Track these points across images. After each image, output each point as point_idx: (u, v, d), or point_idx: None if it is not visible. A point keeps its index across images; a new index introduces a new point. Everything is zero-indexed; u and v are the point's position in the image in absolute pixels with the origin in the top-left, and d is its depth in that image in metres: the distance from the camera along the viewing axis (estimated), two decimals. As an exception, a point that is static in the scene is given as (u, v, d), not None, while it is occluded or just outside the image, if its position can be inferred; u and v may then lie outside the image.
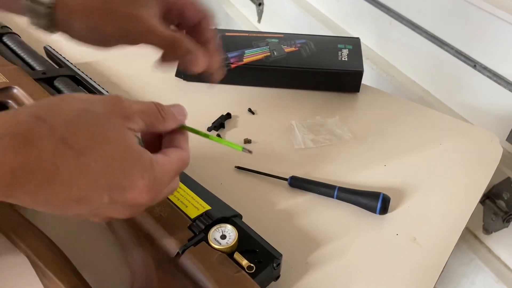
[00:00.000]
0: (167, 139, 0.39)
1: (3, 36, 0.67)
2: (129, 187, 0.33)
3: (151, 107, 0.37)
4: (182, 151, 0.38)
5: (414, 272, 0.45)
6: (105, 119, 0.33)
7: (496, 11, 0.82)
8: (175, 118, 0.38)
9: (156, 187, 0.34)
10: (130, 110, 0.35)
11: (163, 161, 0.35)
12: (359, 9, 1.17)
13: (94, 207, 0.32)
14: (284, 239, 0.47)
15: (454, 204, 0.52)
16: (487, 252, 0.98)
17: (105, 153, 0.31)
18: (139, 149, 0.34)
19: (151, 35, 0.42)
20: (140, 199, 0.33)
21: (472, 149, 0.60)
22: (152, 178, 0.34)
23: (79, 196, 0.31)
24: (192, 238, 0.40)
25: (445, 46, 0.95)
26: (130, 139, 0.33)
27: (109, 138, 0.32)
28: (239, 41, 0.71)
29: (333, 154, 0.58)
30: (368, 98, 0.68)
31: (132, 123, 0.34)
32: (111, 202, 0.33)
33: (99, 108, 0.33)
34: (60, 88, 0.58)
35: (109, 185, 0.32)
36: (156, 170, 0.34)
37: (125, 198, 0.33)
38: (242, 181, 0.54)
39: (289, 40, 0.71)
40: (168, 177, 0.35)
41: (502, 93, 0.86)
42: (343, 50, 0.70)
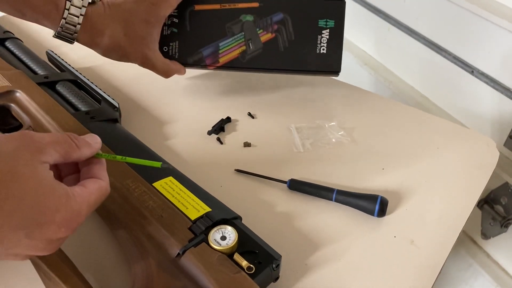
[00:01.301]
0: (85, 171, 0.39)
1: (6, 41, 0.68)
2: (46, 223, 0.32)
3: (64, 137, 0.37)
4: (100, 181, 0.37)
5: (412, 273, 0.46)
6: (15, 156, 0.32)
7: (493, 17, 0.83)
8: (90, 145, 0.38)
9: (74, 219, 0.34)
10: (41, 142, 0.34)
11: (80, 192, 0.35)
12: (357, 15, 1.18)
13: (11, 247, 0.32)
14: (283, 241, 0.47)
15: (451, 207, 0.53)
16: (485, 257, 0.99)
17: (16, 191, 0.31)
18: (53, 182, 0.33)
19: (153, 69, 0.60)
20: (59, 233, 0.33)
21: (469, 153, 0.60)
22: (69, 211, 0.33)
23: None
24: (192, 239, 0.41)
25: (443, 52, 0.96)
26: (43, 173, 0.33)
27: (19, 174, 0.31)
28: (211, 22, 0.65)
29: (331, 158, 0.59)
30: (367, 103, 0.69)
31: (45, 156, 0.34)
32: (29, 239, 0.32)
33: (7, 146, 0.32)
34: (62, 92, 0.59)
35: (25, 223, 0.31)
36: (72, 202, 0.33)
37: (43, 234, 0.32)
38: (242, 184, 0.55)
39: (265, 17, 0.65)
40: (86, 208, 0.35)
41: (499, 99, 0.87)
42: (324, 33, 0.65)
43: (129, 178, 0.46)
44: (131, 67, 0.61)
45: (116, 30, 0.55)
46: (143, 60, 0.59)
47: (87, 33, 0.55)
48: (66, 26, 0.53)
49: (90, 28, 0.55)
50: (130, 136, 0.55)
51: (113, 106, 0.58)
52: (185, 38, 0.64)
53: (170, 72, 0.61)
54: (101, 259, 0.45)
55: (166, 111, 0.66)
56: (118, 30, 0.56)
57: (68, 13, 0.53)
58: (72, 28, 0.54)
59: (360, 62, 1.16)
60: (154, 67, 0.60)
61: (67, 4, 0.53)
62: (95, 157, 0.39)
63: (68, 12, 0.53)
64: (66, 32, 0.54)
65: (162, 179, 0.47)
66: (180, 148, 0.59)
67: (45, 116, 0.52)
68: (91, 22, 0.54)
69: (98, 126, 0.54)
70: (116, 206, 0.44)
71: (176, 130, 0.62)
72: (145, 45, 0.58)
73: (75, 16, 0.53)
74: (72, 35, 0.54)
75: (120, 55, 0.58)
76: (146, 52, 0.58)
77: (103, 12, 0.55)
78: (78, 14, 0.53)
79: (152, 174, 0.48)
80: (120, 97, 0.67)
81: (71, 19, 0.53)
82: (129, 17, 0.56)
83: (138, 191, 0.45)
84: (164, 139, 0.61)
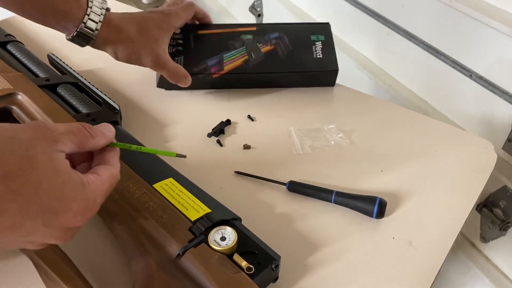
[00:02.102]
0: (97, 157, 0.39)
1: (7, 44, 0.68)
2: (62, 211, 0.32)
3: (78, 127, 0.37)
4: (112, 168, 0.38)
5: (410, 275, 0.46)
6: (32, 144, 0.32)
7: (491, 22, 0.84)
8: (104, 135, 0.39)
9: (89, 207, 0.34)
10: (57, 132, 0.35)
11: (94, 180, 0.35)
12: (357, 20, 1.18)
13: (29, 233, 0.32)
14: (282, 242, 0.47)
15: (449, 209, 0.53)
16: (484, 260, 0.99)
17: (33, 178, 0.31)
18: (69, 170, 0.34)
19: (164, 69, 0.62)
20: (75, 221, 0.33)
21: (467, 156, 0.61)
22: (84, 199, 0.34)
23: (12, 223, 0.31)
24: (192, 239, 0.41)
25: (441, 56, 0.97)
26: (59, 162, 0.33)
27: (36, 162, 0.32)
28: (214, 41, 0.71)
29: (330, 160, 0.59)
30: (365, 106, 0.69)
31: (60, 145, 0.34)
32: (45, 226, 0.32)
33: (25, 134, 0.33)
34: (63, 94, 0.59)
35: (42, 210, 0.31)
36: (88, 191, 0.34)
37: (59, 222, 0.32)
38: (242, 185, 0.55)
39: (263, 35, 0.72)
40: (101, 195, 0.35)
41: (497, 102, 0.87)
42: (317, 44, 0.72)
43: (130, 180, 0.47)
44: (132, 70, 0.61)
45: (131, 28, 0.60)
46: (154, 58, 0.61)
47: (105, 30, 0.58)
48: (88, 23, 0.57)
49: (108, 24, 0.58)
50: (131, 138, 0.55)
51: (113, 108, 0.58)
52: (190, 53, 0.69)
53: (179, 74, 0.63)
54: (102, 259, 0.45)
55: (166, 113, 0.66)
56: (133, 28, 0.60)
57: (91, 10, 0.57)
58: (93, 25, 0.57)
59: (360, 66, 1.17)
60: (165, 67, 0.62)
61: (89, 3, 0.57)
62: (109, 146, 0.40)
63: (91, 10, 0.57)
64: (88, 29, 0.57)
65: (162, 180, 0.48)
66: (180, 150, 0.59)
67: (46, 119, 0.52)
68: (109, 19, 0.59)
69: (99, 128, 0.54)
70: (117, 207, 0.45)
71: (176, 132, 0.63)
72: (158, 45, 0.61)
73: (97, 14, 0.57)
74: (93, 31, 0.57)
75: (132, 53, 0.60)
76: (157, 51, 0.61)
77: (120, 14, 0.61)
78: (99, 13, 0.57)
79: (153, 175, 0.48)
80: (121, 99, 0.68)
81: (93, 17, 0.57)
82: (144, 20, 0.61)
83: (139, 192, 0.45)
84: (165, 141, 0.61)
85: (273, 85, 0.72)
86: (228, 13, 1.82)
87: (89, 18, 0.57)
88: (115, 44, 0.60)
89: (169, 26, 0.63)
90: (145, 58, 0.61)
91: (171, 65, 0.62)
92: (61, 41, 0.62)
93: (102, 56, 0.63)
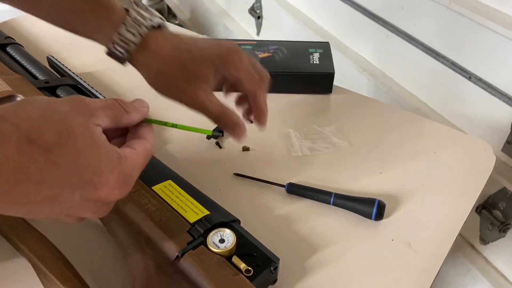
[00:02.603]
0: (132, 132, 0.39)
1: (7, 47, 0.68)
2: (100, 184, 0.32)
3: (113, 102, 0.37)
4: (146, 142, 0.38)
5: (409, 277, 0.46)
6: (70, 116, 0.32)
7: (490, 24, 0.84)
8: (138, 109, 0.39)
9: (126, 181, 0.34)
10: (93, 106, 0.35)
11: (131, 154, 0.35)
12: (356, 22, 1.18)
13: (67, 206, 0.32)
14: (281, 244, 0.47)
15: (448, 211, 0.53)
16: (484, 262, 0.99)
17: (72, 149, 0.31)
18: (106, 144, 0.34)
19: (204, 111, 0.49)
20: (112, 195, 0.33)
21: (466, 158, 0.61)
22: (122, 173, 0.34)
23: (51, 195, 0.31)
24: (191, 241, 0.41)
25: (440, 58, 0.97)
26: (97, 135, 0.33)
27: (75, 134, 0.32)
28: None
29: (329, 162, 0.59)
30: (365, 108, 0.69)
31: (97, 119, 0.34)
32: (84, 200, 0.32)
33: (63, 107, 0.33)
34: (62, 97, 0.59)
35: (80, 182, 0.31)
36: (125, 165, 0.34)
37: (97, 195, 0.33)
38: (241, 187, 0.55)
39: (262, 46, 0.75)
40: (137, 170, 0.36)
41: (497, 104, 0.87)
42: (314, 54, 0.73)
43: (128, 182, 0.47)
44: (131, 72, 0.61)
45: (172, 55, 0.49)
46: (191, 96, 0.49)
47: (142, 53, 0.49)
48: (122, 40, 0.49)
49: (147, 48, 0.49)
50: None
51: (113, 110, 0.58)
52: None
53: (224, 115, 0.49)
54: (100, 261, 0.45)
55: (165, 115, 0.66)
56: (175, 55, 0.49)
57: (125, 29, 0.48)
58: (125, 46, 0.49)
59: (359, 68, 1.17)
60: (205, 108, 0.49)
61: (126, 19, 0.48)
62: (144, 122, 0.40)
63: (126, 29, 0.48)
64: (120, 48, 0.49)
65: (161, 182, 0.48)
66: (180, 152, 0.59)
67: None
68: (149, 42, 0.49)
69: (98, 130, 0.54)
70: (115, 209, 0.45)
71: (175, 134, 0.63)
72: (200, 84, 0.49)
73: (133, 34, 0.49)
74: (124, 53, 0.49)
75: (167, 85, 0.50)
76: (196, 90, 0.49)
77: (169, 36, 0.50)
78: (137, 33, 0.48)
79: (152, 178, 0.48)
80: (120, 102, 0.68)
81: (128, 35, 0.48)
82: (196, 51, 0.50)
83: (138, 194, 0.45)
84: (164, 143, 0.61)
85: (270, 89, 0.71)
86: (228, 15, 1.82)
87: (120, 39, 0.48)
88: (149, 70, 0.50)
89: (223, 66, 0.49)
90: (181, 93, 0.50)
91: (213, 106, 0.49)
92: (60, 44, 0.62)
93: (101, 59, 0.63)
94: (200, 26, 2.02)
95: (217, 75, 0.50)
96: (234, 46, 0.51)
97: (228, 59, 0.49)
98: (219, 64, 0.49)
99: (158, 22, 0.50)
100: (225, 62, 0.49)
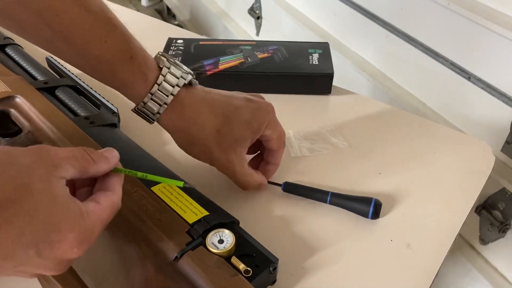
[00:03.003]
0: (99, 183, 0.37)
1: (6, 47, 0.68)
2: (57, 242, 0.31)
3: (80, 152, 0.35)
4: (113, 195, 0.36)
5: (408, 277, 0.46)
6: (30, 169, 0.31)
7: (489, 24, 0.84)
8: (107, 159, 0.37)
9: (87, 238, 0.33)
10: (58, 157, 0.33)
11: (94, 210, 0.34)
12: (356, 22, 1.19)
13: (21, 264, 0.31)
14: (280, 245, 0.47)
15: (447, 211, 0.53)
16: (484, 262, 0.99)
17: (29, 206, 0.30)
18: (68, 199, 0.32)
19: (233, 179, 0.51)
20: (70, 253, 0.32)
21: (465, 158, 0.61)
22: (82, 230, 0.32)
23: (3, 253, 0.29)
24: (190, 242, 0.41)
25: (440, 58, 0.97)
26: (58, 189, 0.32)
27: (32, 190, 0.30)
28: (214, 49, 0.74)
29: (329, 162, 0.59)
30: (364, 108, 0.69)
31: (61, 171, 0.33)
32: (39, 258, 0.31)
33: (24, 159, 0.31)
34: (61, 97, 0.59)
35: (35, 240, 0.30)
36: (87, 221, 0.32)
37: (54, 253, 0.31)
38: (239, 188, 0.55)
39: (262, 46, 0.75)
40: (100, 225, 0.34)
41: (496, 104, 0.87)
42: (314, 55, 0.74)
43: (127, 182, 0.47)
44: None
45: (210, 122, 0.48)
46: (225, 163, 0.49)
47: (173, 115, 0.47)
48: (149, 103, 0.47)
49: (180, 111, 0.47)
50: (129, 141, 0.55)
51: (112, 111, 0.58)
52: (188, 55, 0.71)
53: (251, 185, 0.52)
54: (99, 262, 0.45)
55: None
56: (213, 123, 0.48)
57: (157, 89, 0.46)
58: (156, 107, 0.47)
59: (359, 69, 1.17)
60: (234, 175, 0.50)
61: (159, 79, 0.46)
62: (113, 172, 0.38)
63: (158, 88, 0.46)
64: (147, 109, 0.47)
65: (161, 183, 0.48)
66: (178, 153, 0.59)
67: (44, 121, 0.52)
68: (182, 104, 0.47)
69: (97, 131, 0.54)
70: (115, 210, 0.45)
71: (175, 135, 0.63)
72: (235, 149, 0.49)
73: (165, 94, 0.46)
74: (153, 114, 0.47)
75: (201, 150, 0.49)
76: (232, 157, 0.49)
77: (201, 97, 0.48)
78: (169, 93, 0.46)
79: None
80: (119, 102, 0.67)
81: (158, 96, 0.46)
82: (232, 113, 0.48)
83: (137, 195, 0.45)
84: (163, 144, 0.61)
85: (269, 89, 0.71)
86: (227, 16, 1.82)
87: (151, 98, 0.46)
88: (182, 139, 0.49)
89: (259, 126, 0.49)
90: (216, 160, 0.49)
91: (242, 175, 0.50)
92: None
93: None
94: (200, 27, 2.02)
95: (253, 139, 0.50)
96: (269, 106, 0.51)
97: (264, 120, 0.49)
98: (257, 128, 0.49)
99: (189, 79, 0.48)
100: (262, 124, 0.49)
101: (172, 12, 2.28)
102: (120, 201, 0.37)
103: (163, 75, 0.46)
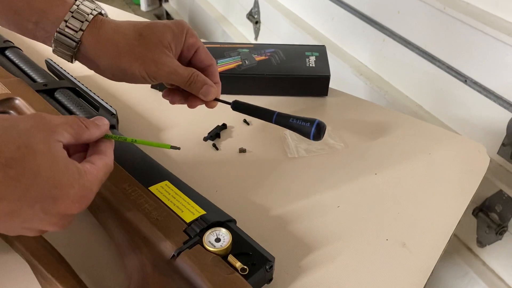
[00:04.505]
0: (92, 148, 0.40)
1: (6, 50, 0.69)
2: (60, 197, 0.33)
3: (74, 119, 0.38)
4: (106, 157, 0.39)
5: (403, 276, 0.46)
6: (30, 133, 0.33)
7: (486, 28, 0.85)
8: (98, 126, 0.40)
9: (86, 195, 0.35)
10: (54, 123, 0.36)
11: (91, 169, 0.36)
12: (353, 26, 1.19)
13: (27, 220, 0.33)
14: (277, 244, 0.48)
15: (443, 211, 0.54)
16: (481, 265, 0.99)
17: (32, 165, 0.32)
18: (66, 160, 0.35)
19: (174, 75, 0.49)
20: (72, 208, 0.34)
21: (460, 159, 0.61)
22: (81, 187, 0.35)
23: (10, 209, 0.32)
24: (187, 241, 0.41)
25: (436, 62, 0.98)
26: (57, 151, 0.34)
27: (35, 150, 0.33)
28: (211, 52, 0.72)
29: (325, 163, 0.60)
30: (360, 110, 0.70)
31: (58, 135, 0.35)
32: (44, 213, 0.33)
33: (23, 124, 0.34)
34: (60, 99, 0.60)
35: (40, 196, 0.32)
36: (85, 179, 0.35)
37: (57, 208, 0.34)
38: (237, 188, 0.55)
39: (259, 49, 0.76)
40: (96, 184, 0.37)
41: (492, 107, 0.88)
42: (311, 57, 0.74)
43: (125, 182, 0.47)
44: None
45: (131, 29, 0.48)
46: (157, 63, 0.48)
47: (95, 30, 0.47)
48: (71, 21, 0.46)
49: (100, 25, 0.47)
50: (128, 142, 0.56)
51: (110, 112, 0.59)
52: None
53: (194, 75, 0.50)
54: (97, 260, 0.46)
55: (162, 117, 0.67)
56: (134, 29, 0.48)
57: (76, 9, 0.46)
58: (77, 23, 0.46)
59: (356, 72, 1.18)
60: (175, 71, 0.48)
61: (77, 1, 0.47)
62: (105, 138, 0.41)
63: (77, 8, 0.46)
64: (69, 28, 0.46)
65: (158, 183, 0.48)
66: (176, 154, 0.60)
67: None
68: (102, 20, 0.47)
69: (95, 132, 0.54)
70: (113, 209, 0.45)
71: (173, 136, 0.63)
72: (161, 48, 0.48)
73: (85, 13, 0.46)
74: (76, 32, 0.46)
75: (131, 60, 0.48)
76: (159, 55, 0.48)
77: (117, 21, 0.49)
78: (88, 12, 0.47)
79: (148, 178, 0.48)
80: (118, 104, 0.68)
81: (77, 16, 0.46)
82: (150, 22, 0.50)
83: (135, 195, 0.46)
84: (161, 145, 0.61)
85: (266, 91, 0.72)
86: (226, 20, 1.83)
87: (72, 16, 0.46)
88: (107, 48, 0.47)
89: (178, 30, 0.49)
90: (148, 65, 0.48)
91: (182, 69, 0.49)
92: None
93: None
94: (199, 31, 2.03)
95: (177, 46, 0.50)
96: (185, 22, 0.52)
97: (183, 26, 0.50)
98: (178, 32, 0.49)
99: (102, 10, 0.49)
100: (182, 29, 0.50)
101: (171, 17, 2.30)
102: (112, 163, 0.40)
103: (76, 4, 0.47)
